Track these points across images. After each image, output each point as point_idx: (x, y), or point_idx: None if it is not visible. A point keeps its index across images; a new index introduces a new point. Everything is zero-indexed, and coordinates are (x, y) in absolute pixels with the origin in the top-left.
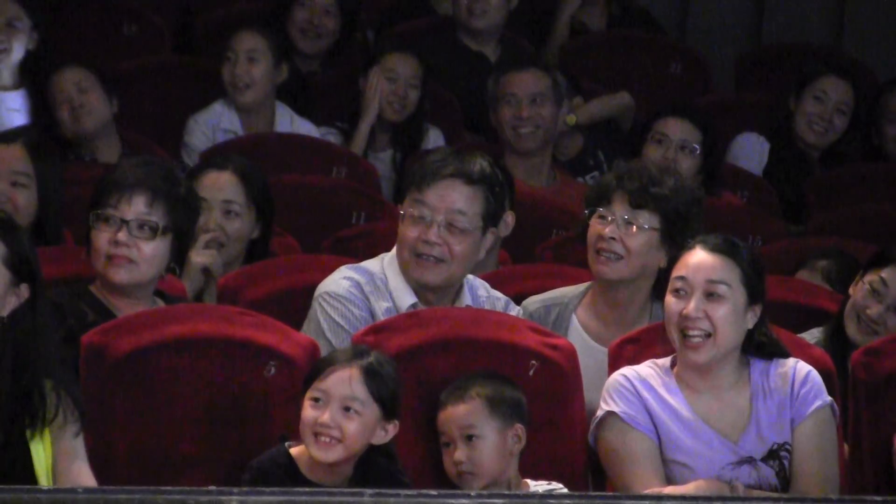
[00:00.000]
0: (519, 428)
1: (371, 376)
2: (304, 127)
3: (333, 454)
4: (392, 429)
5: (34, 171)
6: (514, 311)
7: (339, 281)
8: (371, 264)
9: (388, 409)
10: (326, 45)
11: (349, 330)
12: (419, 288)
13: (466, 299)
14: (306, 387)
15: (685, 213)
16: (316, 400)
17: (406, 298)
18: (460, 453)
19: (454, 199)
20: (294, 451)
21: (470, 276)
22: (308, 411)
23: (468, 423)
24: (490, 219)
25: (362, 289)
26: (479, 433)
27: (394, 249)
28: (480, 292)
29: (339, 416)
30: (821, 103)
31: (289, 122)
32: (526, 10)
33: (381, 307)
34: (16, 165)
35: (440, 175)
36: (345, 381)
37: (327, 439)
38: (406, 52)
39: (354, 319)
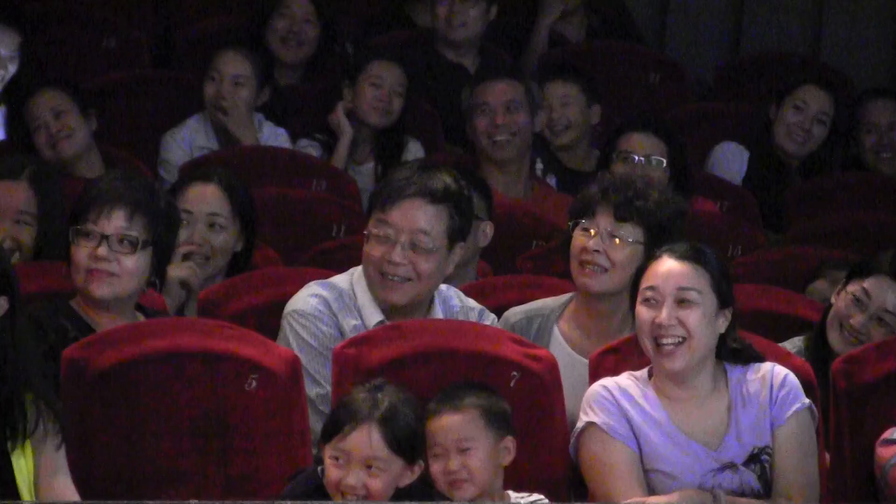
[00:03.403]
0: (510, 440)
1: (390, 430)
2: (277, 134)
3: None
4: (417, 469)
5: (38, 207)
6: (489, 319)
7: (307, 298)
8: (340, 280)
9: (411, 456)
10: (307, 53)
11: (318, 348)
12: (386, 307)
13: (438, 313)
14: (326, 439)
15: (669, 226)
16: (337, 459)
17: (374, 316)
18: (454, 463)
19: (417, 218)
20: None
21: (443, 287)
22: (332, 471)
23: (464, 435)
24: (456, 235)
25: (330, 306)
26: (474, 445)
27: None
28: (454, 302)
29: (364, 476)
30: (800, 113)
31: (260, 130)
32: (504, 22)
33: (350, 324)
34: (21, 204)
35: (403, 195)
36: (365, 442)
37: (354, 498)
38: (391, 60)
39: (323, 337)
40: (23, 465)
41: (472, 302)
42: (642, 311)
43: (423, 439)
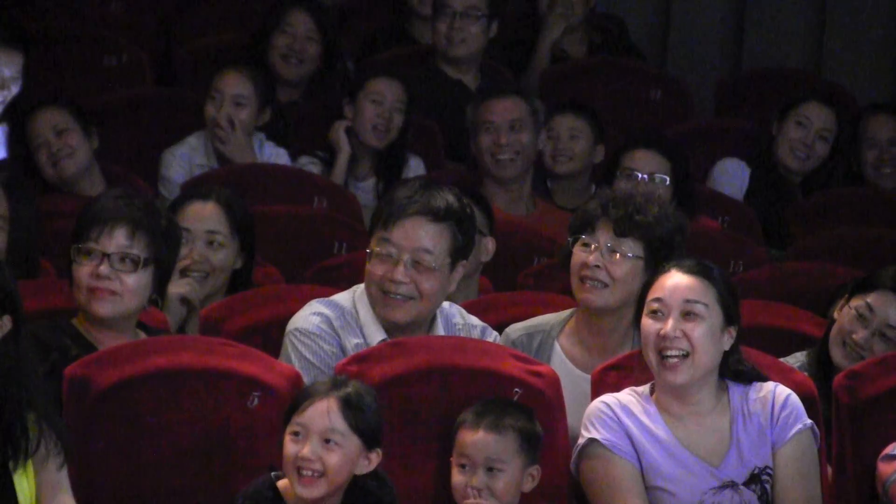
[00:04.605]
0: (536, 469)
1: (349, 407)
2: (278, 154)
3: (317, 490)
4: (375, 457)
5: (9, 212)
6: (491, 337)
7: (309, 317)
8: (342, 298)
9: (369, 439)
10: (308, 71)
11: (319, 366)
12: (389, 325)
13: (439, 330)
14: (286, 422)
15: (669, 240)
16: (296, 434)
17: (376, 335)
18: (479, 481)
19: (420, 237)
20: (281, 483)
21: (445, 304)
22: (289, 446)
23: (497, 456)
24: (458, 253)
25: (332, 324)
26: (504, 467)
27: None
28: (456, 320)
29: (320, 449)
30: (803, 129)
31: (261, 150)
32: (505, 39)
33: (352, 343)
34: None
35: (406, 213)
36: (322, 414)
37: (309, 473)
38: (392, 77)
39: (325, 355)
40: (25, 484)
41: (474, 319)
42: (648, 323)
43: (382, 430)
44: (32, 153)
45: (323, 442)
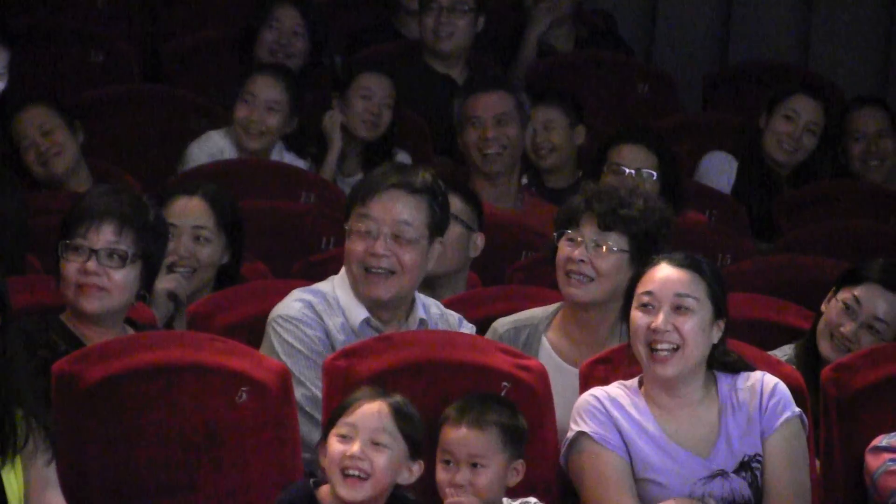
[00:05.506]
0: (520, 463)
1: (399, 413)
2: (290, 160)
3: (362, 492)
4: (417, 469)
5: None
6: (467, 328)
7: (291, 304)
8: (322, 285)
9: (414, 447)
10: (296, 66)
11: (304, 351)
12: (371, 304)
13: (420, 312)
14: (330, 426)
15: (654, 234)
16: (343, 436)
17: (358, 313)
18: (462, 477)
19: (399, 209)
20: (320, 491)
21: (421, 297)
22: (335, 446)
23: (479, 452)
24: (435, 228)
25: (314, 308)
26: (486, 463)
27: (343, 269)
28: (433, 310)
29: (369, 449)
30: (791, 122)
31: (279, 156)
32: (493, 33)
33: (336, 323)
34: None
35: (383, 187)
36: (374, 415)
37: (356, 473)
38: (381, 72)
39: (309, 340)
40: (13, 480)
41: (451, 311)
42: (638, 316)
43: (423, 442)
44: (20, 153)
45: (372, 443)
